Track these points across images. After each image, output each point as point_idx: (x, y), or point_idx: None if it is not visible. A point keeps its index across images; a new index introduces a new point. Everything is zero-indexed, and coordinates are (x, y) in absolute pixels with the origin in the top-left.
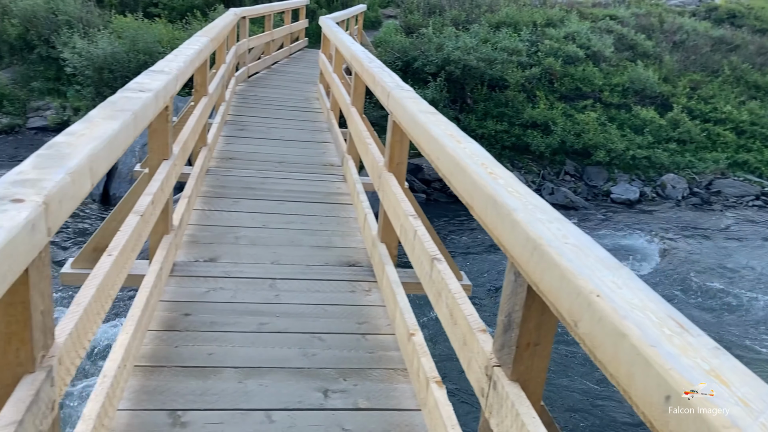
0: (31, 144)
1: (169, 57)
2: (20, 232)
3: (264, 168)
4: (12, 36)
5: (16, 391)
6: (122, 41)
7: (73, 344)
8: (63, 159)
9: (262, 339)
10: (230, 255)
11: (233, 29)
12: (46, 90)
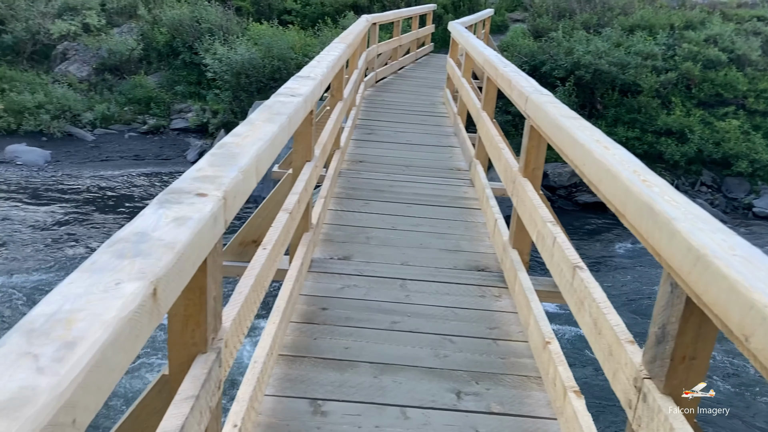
0: (174, 143)
1: (313, 63)
2: (206, 224)
3: (392, 171)
4: (160, 43)
5: (192, 368)
6: (258, 48)
7: (236, 329)
8: (234, 158)
9: (395, 337)
10: (362, 254)
11: (365, 35)
12: (188, 93)
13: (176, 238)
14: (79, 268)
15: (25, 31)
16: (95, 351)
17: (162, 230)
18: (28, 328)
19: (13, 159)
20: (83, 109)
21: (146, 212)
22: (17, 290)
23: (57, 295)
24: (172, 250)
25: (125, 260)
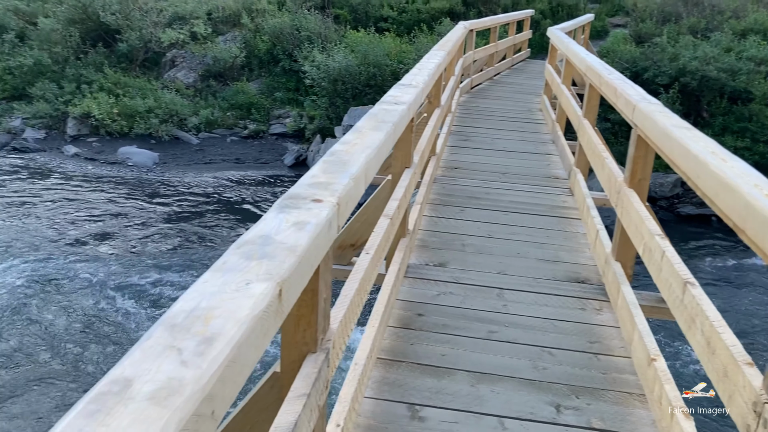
0: (272, 148)
1: (414, 71)
2: (322, 229)
3: (488, 178)
4: (261, 51)
5: (303, 367)
6: (355, 55)
7: (342, 331)
8: (345, 165)
9: (492, 347)
10: (458, 261)
11: (462, 42)
12: (287, 100)
13: (297, 241)
14: (212, 267)
15: (138, 40)
16: (231, 347)
17: (284, 234)
18: (171, 323)
19: (125, 160)
20: (189, 113)
21: (268, 216)
22: (128, 280)
23: (194, 292)
24: (294, 253)
25: (252, 261)
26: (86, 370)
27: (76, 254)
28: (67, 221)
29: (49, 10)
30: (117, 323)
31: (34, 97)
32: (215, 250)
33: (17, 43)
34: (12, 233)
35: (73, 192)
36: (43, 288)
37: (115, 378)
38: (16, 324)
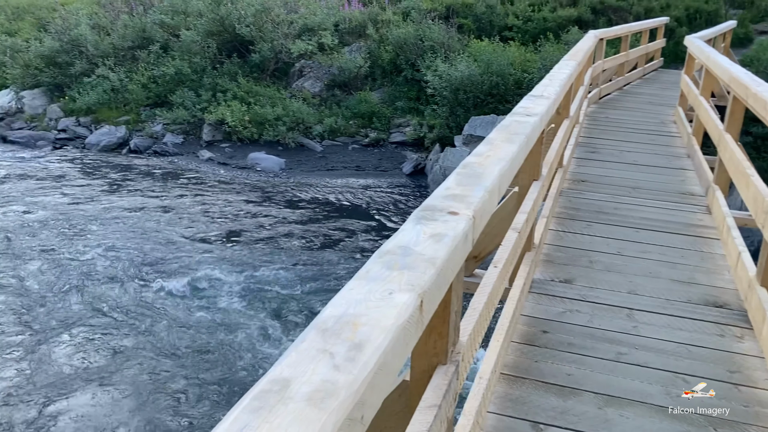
0: (391, 156)
1: (545, 81)
2: (459, 242)
3: (616, 193)
4: (385, 61)
5: (434, 378)
6: (478, 64)
7: (471, 344)
8: (479, 178)
9: (621, 369)
10: (585, 278)
11: (592, 51)
12: (408, 109)
13: (436, 254)
14: (356, 275)
15: (270, 51)
16: (379, 355)
17: (422, 245)
18: (322, 328)
19: (254, 165)
20: (314, 122)
21: (406, 227)
22: (253, 280)
23: (341, 299)
24: (433, 265)
25: (394, 271)
26: (212, 366)
27: (206, 252)
28: (198, 221)
29: (191, 23)
30: (241, 322)
31: (174, 104)
32: (337, 253)
33: (161, 54)
34: (147, 231)
35: (206, 194)
36: (174, 284)
37: (275, 378)
38: (147, 316)
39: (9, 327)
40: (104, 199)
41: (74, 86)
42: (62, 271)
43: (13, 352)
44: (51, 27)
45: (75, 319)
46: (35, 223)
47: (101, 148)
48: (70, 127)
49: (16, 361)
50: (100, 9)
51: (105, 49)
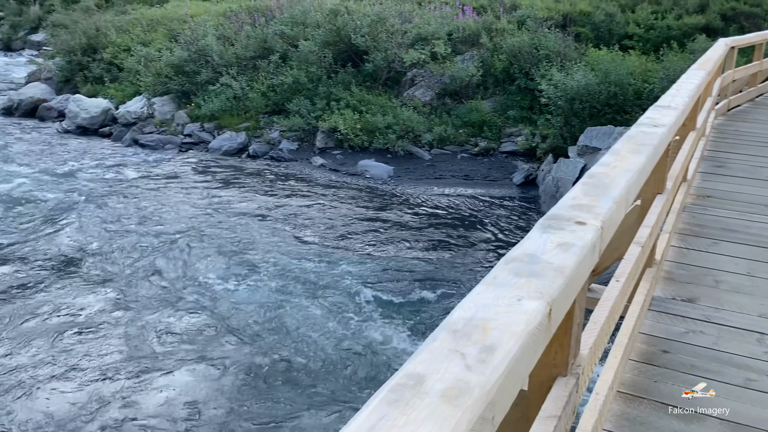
0: (501, 166)
1: (672, 92)
2: (587, 252)
3: (747, 210)
4: (498, 70)
5: (553, 389)
6: (595, 73)
7: (591, 358)
8: (606, 188)
9: (750, 396)
10: (710, 299)
11: (722, 61)
12: (520, 118)
13: (564, 263)
14: (483, 281)
15: (383, 60)
16: (509, 359)
17: (549, 254)
18: (453, 329)
19: (364, 172)
20: (424, 130)
21: (532, 235)
22: (364, 284)
23: (470, 303)
24: (562, 274)
25: (522, 278)
26: (328, 365)
27: (317, 256)
28: (308, 225)
29: (309, 33)
30: (351, 324)
31: (291, 112)
32: (444, 261)
33: (280, 64)
34: (263, 233)
35: (317, 199)
36: (289, 286)
37: (409, 373)
38: (267, 319)
39: (132, 312)
40: (223, 200)
41: (200, 94)
42: (180, 264)
43: (125, 333)
44: (181, 38)
45: (187, 313)
46: (158, 219)
47: (223, 152)
48: (195, 132)
49: (125, 339)
50: (226, 21)
51: (229, 58)
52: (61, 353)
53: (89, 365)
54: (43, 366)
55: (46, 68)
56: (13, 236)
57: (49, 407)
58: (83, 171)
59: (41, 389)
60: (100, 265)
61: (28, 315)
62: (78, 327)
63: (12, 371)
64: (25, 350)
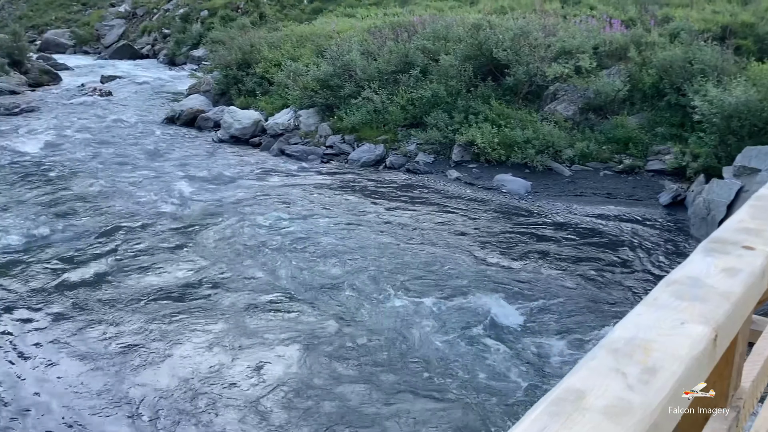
0: (647, 185)
1: None
2: (756, 278)
3: None
4: (646, 84)
5: (710, 422)
6: (757, 89)
7: (753, 391)
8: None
9: None
10: None
11: None
12: (669, 135)
13: (730, 288)
14: (643, 302)
15: (524, 74)
16: (673, 382)
17: (714, 278)
18: (613, 348)
19: (500, 186)
20: (564, 145)
21: (694, 258)
22: (499, 298)
23: (630, 323)
24: (728, 300)
25: (684, 302)
26: (464, 382)
27: (451, 270)
28: (442, 238)
29: (450, 48)
30: (486, 339)
31: (428, 125)
32: (585, 281)
33: (420, 78)
34: (398, 244)
35: (451, 212)
36: (426, 298)
37: (569, 388)
38: (393, 330)
39: (254, 311)
40: (360, 208)
41: (342, 107)
42: (311, 268)
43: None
44: (327, 53)
45: (313, 320)
46: (296, 224)
47: (361, 163)
48: (336, 143)
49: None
50: (370, 36)
51: (371, 73)
52: (232, 356)
53: (255, 366)
54: (209, 370)
55: (205, 81)
56: (172, 234)
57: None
58: (235, 177)
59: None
60: (253, 263)
61: (190, 312)
62: (235, 325)
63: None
64: (196, 350)
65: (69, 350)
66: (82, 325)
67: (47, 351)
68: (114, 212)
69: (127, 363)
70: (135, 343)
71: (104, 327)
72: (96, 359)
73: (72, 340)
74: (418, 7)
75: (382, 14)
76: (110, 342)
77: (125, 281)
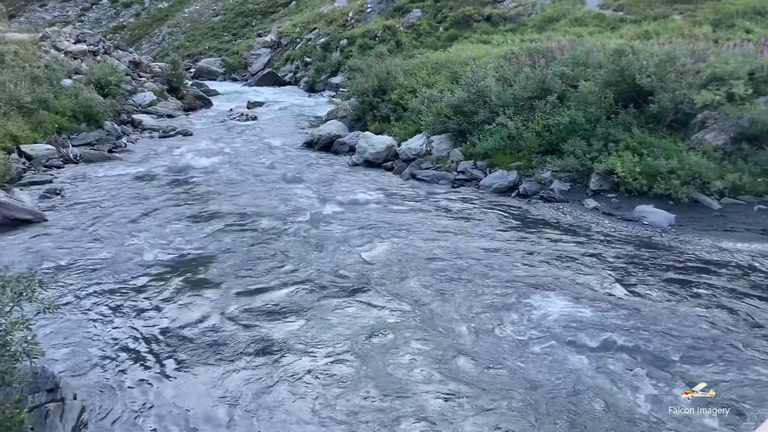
0: None
1: None
2: None
3: None
4: None
5: None
6: None
7: None
8: None
9: None
10: None
11: None
12: None
13: None
14: None
15: (670, 101)
16: None
17: None
18: None
19: (641, 218)
20: (713, 177)
21: None
22: (623, 340)
23: None
24: None
25: None
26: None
27: (592, 305)
28: (580, 270)
29: (590, 74)
30: (610, 377)
31: (565, 152)
32: (731, 326)
33: (557, 104)
34: (531, 274)
35: (588, 243)
36: (552, 334)
37: None
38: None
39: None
40: (491, 235)
41: (475, 132)
42: (447, 294)
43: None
44: (462, 79)
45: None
46: (427, 247)
47: (493, 189)
48: (467, 169)
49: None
50: (506, 62)
51: (506, 99)
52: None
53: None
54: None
55: (342, 107)
56: (306, 251)
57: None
58: (368, 199)
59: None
60: (387, 282)
61: (330, 332)
62: (378, 341)
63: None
64: (335, 355)
65: (226, 364)
66: (229, 335)
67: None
68: (255, 228)
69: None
70: (288, 361)
71: (251, 338)
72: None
73: (226, 352)
74: (556, 33)
75: (518, 40)
76: (263, 361)
77: (262, 296)
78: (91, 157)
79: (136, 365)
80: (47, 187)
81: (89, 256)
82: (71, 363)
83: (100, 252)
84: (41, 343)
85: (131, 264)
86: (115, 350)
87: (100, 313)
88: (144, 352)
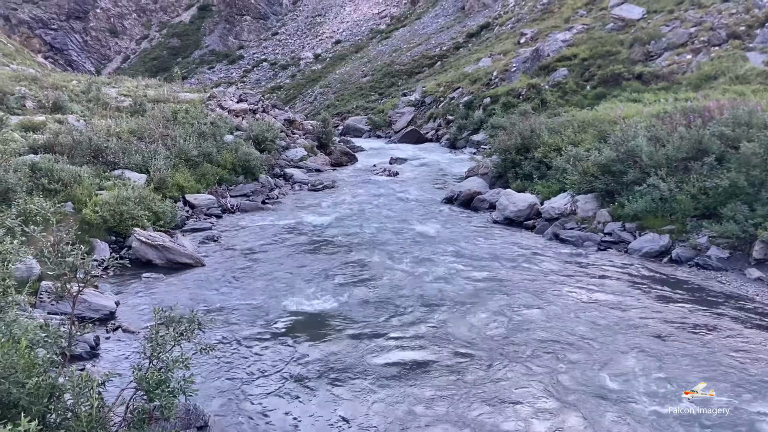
0: None
1: None
2: None
3: None
4: None
5: None
6: None
7: None
8: None
9: None
10: None
11: None
12: None
13: None
14: None
15: None
16: None
17: None
18: None
19: None
20: None
21: None
22: None
23: None
24: None
25: None
26: None
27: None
28: (745, 354)
29: (753, 135)
30: None
31: (724, 217)
32: None
33: (715, 166)
34: (682, 354)
35: (753, 320)
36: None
37: None
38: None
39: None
40: (642, 303)
41: (624, 193)
42: (588, 373)
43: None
44: (611, 138)
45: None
46: (570, 316)
47: (642, 254)
48: (615, 231)
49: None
50: (658, 122)
51: (658, 159)
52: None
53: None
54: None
55: (483, 165)
56: (444, 310)
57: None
58: (508, 258)
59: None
60: (533, 366)
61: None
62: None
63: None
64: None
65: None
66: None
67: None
68: (393, 284)
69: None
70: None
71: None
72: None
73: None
74: (714, 92)
75: (672, 99)
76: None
77: (398, 354)
78: (246, 207)
79: (279, 408)
80: (206, 233)
81: (240, 301)
82: (220, 402)
83: (249, 298)
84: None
85: (278, 311)
86: (262, 392)
87: (248, 355)
88: (285, 395)
